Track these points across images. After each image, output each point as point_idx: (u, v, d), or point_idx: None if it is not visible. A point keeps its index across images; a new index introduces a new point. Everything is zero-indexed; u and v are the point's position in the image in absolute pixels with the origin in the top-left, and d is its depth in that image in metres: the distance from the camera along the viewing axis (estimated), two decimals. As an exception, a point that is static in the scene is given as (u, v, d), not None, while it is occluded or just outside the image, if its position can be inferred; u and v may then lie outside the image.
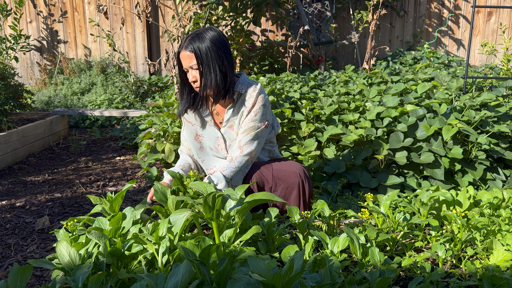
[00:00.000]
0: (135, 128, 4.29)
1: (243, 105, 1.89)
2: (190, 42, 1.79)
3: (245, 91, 1.89)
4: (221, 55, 1.80)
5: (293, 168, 1.96)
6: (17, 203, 2.68)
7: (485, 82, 3.47)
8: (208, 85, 1.80)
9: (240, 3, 5.19)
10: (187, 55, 1.79)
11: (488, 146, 2.46)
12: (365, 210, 1.56)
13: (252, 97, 1.87)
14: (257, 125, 1.86)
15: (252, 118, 1.86)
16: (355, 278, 1.14)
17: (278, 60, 6.00)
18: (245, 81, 1.91)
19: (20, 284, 1.03)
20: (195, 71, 1.81)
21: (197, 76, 1.81)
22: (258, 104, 1.87)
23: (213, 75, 1.79)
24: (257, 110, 1.86)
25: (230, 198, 1.33)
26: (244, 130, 1.86)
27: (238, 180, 1.83)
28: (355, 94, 3.32)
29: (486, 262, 1.32)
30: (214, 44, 1.79)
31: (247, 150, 1.84)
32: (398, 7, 5.99)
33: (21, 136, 3.69)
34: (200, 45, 1.77)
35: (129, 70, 5.87)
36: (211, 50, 1.77)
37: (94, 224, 1.39)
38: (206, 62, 1.77)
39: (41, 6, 6.22)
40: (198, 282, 1.01)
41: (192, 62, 1.79)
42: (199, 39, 1.79)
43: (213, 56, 1.78)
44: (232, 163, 1.83)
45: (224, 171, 1.79)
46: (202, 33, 1.81)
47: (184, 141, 2.09)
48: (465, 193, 1.66)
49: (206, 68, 1.78)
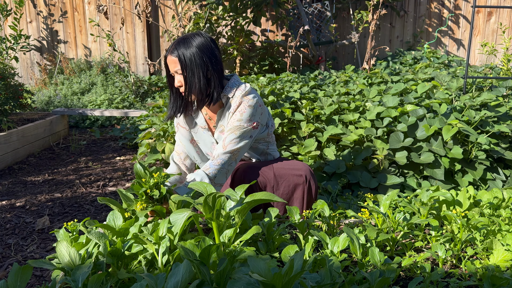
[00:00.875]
0: (135, 128, 4.29)
1: (229, 108, 1.88)
2: (176, 47, 1.79)
3: (233, 94, 1.87)
4: (206, 61, 1.79)
5: (298, 167, 1.95)
6: (17, 203, 2.68)
7: (485, 82, 3.47)
8: (192, 90, 1.80)
9: (240, 3, 5.19)
10: (172, 59, 1.80)
11: (488, 146, 2.46)
12: (365, 210, 1.56)
13: (237, 98, 1.85)
14: (243, 125, 1.83)
15: (238, 118, 1.84)
16: (355, 278, 1.14)
17: (278, 60, 6.00)
18: (235, 84, 1.89)
19: (20, 284, 1.03)
20: (179, 76, 1.81)
21: (182, 81, 1.81)
22: (244, 105, 1.84)
23: (196, 80, 1.78)
24: (243, 110, 1.84)
25: (230, 198, 1.33)
26: (229, 129, 1.84)
27: (221, 179, 1.81)
28: (355, 94, 3.32)
29: (486, 262, 1.32)
30: (200, 50, 1.78)
31: (230, 148, 1.82)
32: (398, 7, 5.99)
33: (21, 136, 3.69)
34: (185, 51, 1.77)
35: (129, 70, 5.87)
36: (196, 56, 1.77)
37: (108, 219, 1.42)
38: (190, 67, 1.77)
39: (41, 6, 6.22)
40: (198, 282, 1.01)
41: (176, 67, 1.79)
42: (184, 44, 1.78)
43: (198, 62, 1.77)
44: (214, 161, 1.80)
45: (207, 170, 1.77)
46: (189, 39, 1.80)
47: (177, 146, 2.06)
48: (465, 193, 1.66)
49: (190, 74, 1.78)
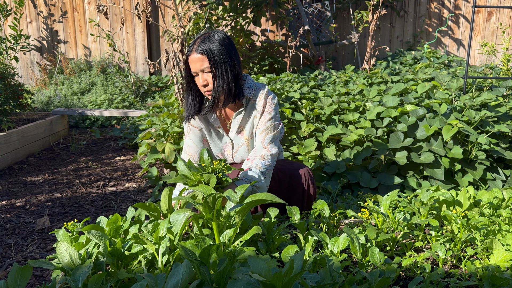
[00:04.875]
0: (135, 128, 4.29)
1: (253, 109, 1.86)
2: (201, 44, 1.72)
3: (253, 95, 1.85)
4: (232, 57, 1.75)
5: (297, 168, 1.95)
6: (17, 203, 2.68)
7: (485, 82, 3.47)
8: (220, 88, 1.74)
9: (240, 3, 5.19)
10: (198, 58, 1.72)
11: (488, 146, 2.46)
12: (365, 210, 1.56)
13: (261, 100, 1.84)
14: (274, 123, 1.84)
15: (268, 117, 1.84)
16: (355, 278, 1.14)
17: (278, 60, 5.99)
18: (252, 84, 1.87)
19: (20, 284, 1.03)
20: (206, 74, 1.74)
21: (209, 79, 1.74)
22: (269, 105, 1.84)
23: (225, 78, 1.73)
24: (270, 110, 1.84)
25: (230, 199, 1.33)
26: (262, 130, 1.83)
27: (268, 180, 1.78)
28: (355, 94, 3.31)
29: (486, 262, 1.32)
30: (224, 46, 1.73)
31: (273, 150, 1.80)
32: (398, 7, 5.99)
33: (21, 136, 3.69)
34: (212, 47, 1.71)
35: (129, 70, 5.87)
36: (223, 52, 1.72)
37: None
38: (219, 64, 1.71)
39: (41, 6, 6.22)
40: (198, 282, 1.00)
41: (204, 65, 1.72)
42: (209, 41, 1.72)
43: (225, 59, 1.72)
44: (265, 161, 1.76)
45: (260, 168, 1.73)
46: (211, 36, 1.75)
47: (188, 148, 1.95)
48: (465, 193, 1.66)
49: (219, 71, 1.72)
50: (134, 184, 3.06)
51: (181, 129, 2.87)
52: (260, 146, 1.82)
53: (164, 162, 3.04)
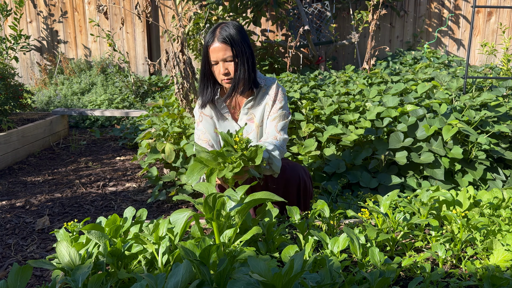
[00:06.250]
0: (135, 128, 4.29)
1: (264, 97, 1.91)
2: (221, 33, 1.75)
3: (264, 84, 1.91)
4: (250, 46, 1.80)
5: (293, 167, 1.95)
6: (17, 203, 2.68)
7: (485, 82, 3.47)
8: (241, 76, 1.79)
9: (240, 3, 5.19)
10: (221, 47, 1.74)
11: (488, 146, 2.46)
12: (365, 210, 1.56)
13: (273, 89, 1.90)
14: (285, 112, 1.90)
15: (279, 106, 1.89)
16: (355, 278, 1.14)
17: (278, 60, 5.99)
18: (260, 75, 1.94)
19: (20, 284, 1.03)
20: (228, 63, 1.78)
21: (230, 68, 1.78)
22: (280, 94, 1.90)
23: (246, 66, 1.78)
24: (281, 99, 1.90)
25: (230, 199, 1.33)
26: (274, 117, 1.88)
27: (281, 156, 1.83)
28: (355, 94, 3.31)
29: (486, 262, 1.32)
30: (243, 35, 1.78)
31: (284, 135, 1.87)
32: (398, 7, 5.99)
33: (21, 136, 3.69)
34: (235, 37, 1.74)
35: (129, 70, 5.86)
36: (242, 41, 1.76)
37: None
38: (240, 54, 1.76)
39: (41, 6, 6.22)
40: (198, 282, 1.00)
41: (226, 54, 1.75)
42: (229, 29, 1.75)
43: (245, 48, 1.77)
44: (278, 141, 1.82)
45: (274, 143, 1.79)
46: (228, 25, 1.78)
47: (202, 134, 1.97)
48: (465, 193, 1.66)
49: (241, 60, 1.77)
50: (134, 184, 3.06)
51: (181, 129, 2.87)
52: (272, 131, 1.87)
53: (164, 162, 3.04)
